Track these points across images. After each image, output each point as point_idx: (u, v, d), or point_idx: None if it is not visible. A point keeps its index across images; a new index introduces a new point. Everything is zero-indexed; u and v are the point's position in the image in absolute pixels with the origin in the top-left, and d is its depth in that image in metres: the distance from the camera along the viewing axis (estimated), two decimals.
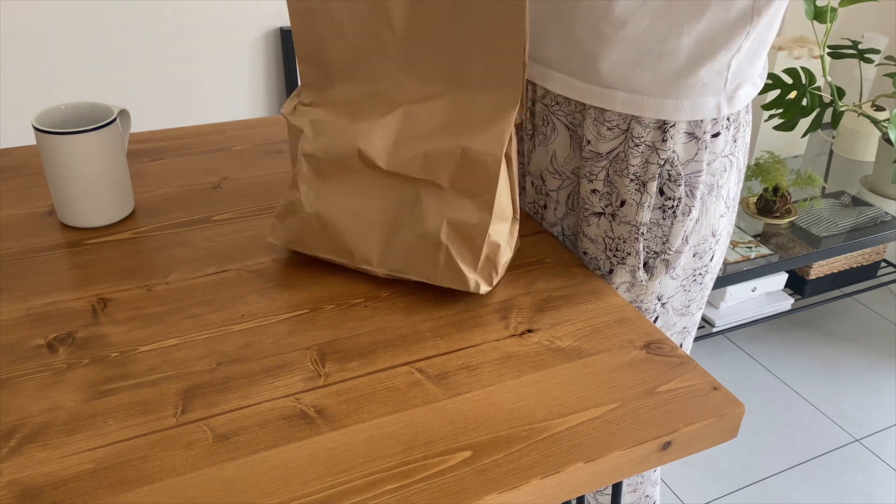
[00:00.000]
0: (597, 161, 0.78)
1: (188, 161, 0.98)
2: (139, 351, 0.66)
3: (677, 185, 0.76)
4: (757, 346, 2.04)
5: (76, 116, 0.83)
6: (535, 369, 0.66)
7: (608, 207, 0.79)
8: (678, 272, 0.82)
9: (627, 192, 0.77)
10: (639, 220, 0.78)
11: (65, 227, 0.83)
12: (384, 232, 0.73)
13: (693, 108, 0.73)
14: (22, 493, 0.53)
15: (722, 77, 0.72)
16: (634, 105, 0.73)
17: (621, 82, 0.73)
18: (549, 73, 0.78)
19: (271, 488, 0.54)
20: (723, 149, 0.77)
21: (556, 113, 0.80)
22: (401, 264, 0.73)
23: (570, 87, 0.76)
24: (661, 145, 0.74)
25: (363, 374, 0.64)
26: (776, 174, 1.80)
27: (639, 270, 0.80)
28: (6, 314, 0.70)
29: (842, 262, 1.97)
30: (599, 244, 0.81)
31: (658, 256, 0.80)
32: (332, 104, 0.74)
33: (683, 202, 0.77)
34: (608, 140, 0.76)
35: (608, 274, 0.82)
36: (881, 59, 2.08)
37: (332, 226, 0.74)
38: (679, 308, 0.86)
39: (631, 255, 0.80)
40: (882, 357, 2.03)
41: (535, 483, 0.56)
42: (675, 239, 0.79)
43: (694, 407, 0.63)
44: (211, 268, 0.77)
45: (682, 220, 0.78)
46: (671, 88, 0.72)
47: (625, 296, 0.83)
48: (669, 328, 0.87)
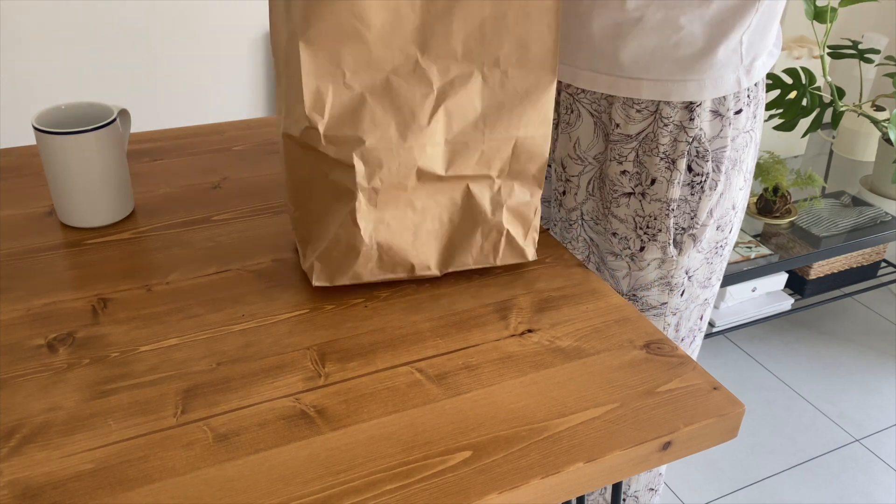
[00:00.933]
0: (626, 143, 0.80)
1: (188, 161, 0.98)
2: (139, 351, 0.66)
3: (705, 161, 0.80)
4: (757, 346, 2.04)
5: (76, 116, 0.83)
6: (535, 369, 0.66)
7: (638, 187, 0.82)
8: (703, 245, 0.85)
9: (658, 171, 0.80)
10: (669, 196, 0.81)
11: (65, 227, 0.83)
12: (441, 235, 0.74)
13: (714, 85, 0.76)
14: (22, 493, 0.53)
15: (737, 53, 0.76)
16: (660, 91, 0.77)
17: (645, 71, 0.76)
18: (576, 71, 0.80)
19: (271, 488, 0.54)
20: (744, 125, 0.81)
21: (580, 101, 0.82)
22: (462, 259, 0.75)
23: (596, 83, 0.79)
24: (689, 124, 0.78)
25: (363, 374, 0.64)
26: (776, 174, 1.80)
27: (669, 246, 0.83)
28: (6, 314, 0.70)
29: (842, 262, 1.97)
30: (629, 223, 0.83)
31: (685, 232, 0.83)
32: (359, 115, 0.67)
33: (710, 177, 0.81)
34: (637, 122, 0.79)
35: (639, 252, 0.84)
36: (881, 59, 2.08)
37: (392, 248, 0.72)
38: (702, 280, 0.89)
39: (662, 231, 0.83)
40: (882, 357, 2.03)
41: (535, 483, 0.56)
42: (701, 213, 0.82)
43: (694, 407, 0.63)
44: (211, 268, 0.77)
45: (710, 194, 0.81)
46: (692, 70, 0.75)
47: (655, 272, 0.85)
48: (694, 300, 0.90)
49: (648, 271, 0.85)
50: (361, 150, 0.68)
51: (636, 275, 0.85)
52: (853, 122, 2.10)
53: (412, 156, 0.69)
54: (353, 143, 0.68)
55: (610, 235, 0.86)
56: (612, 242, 0.86)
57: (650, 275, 0.85)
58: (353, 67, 0.66)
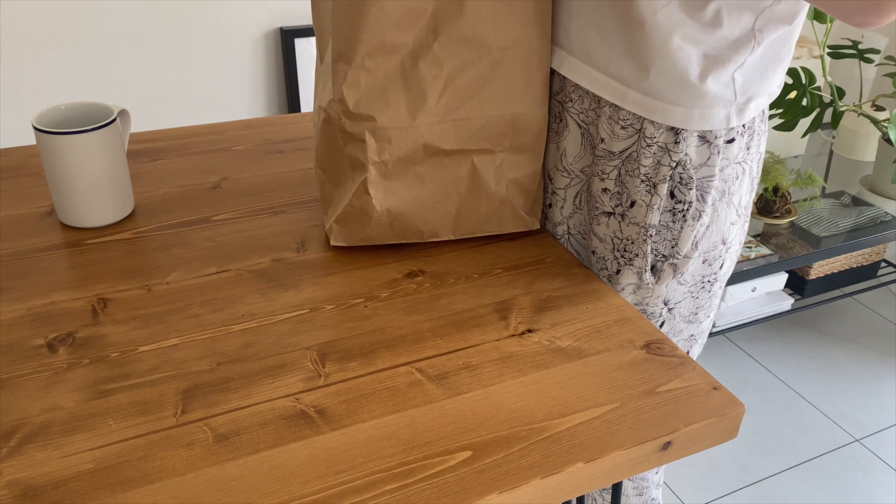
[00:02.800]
0: (609, 160, 0.78)
1: (188, 161, 0.98)
2: (139, 351, 0.66)
3: (688, 189, 0.76)
4: (757, 346, 2.05)
5: (76, 116, 0.83)
6: (535, 369, 0.66)
7: (618, 207, 0.79)
8: (686, 278, 0.82)
9: (638, 193, 0.77)
10: (648, 221, 0.78)
11: (65, 227, 0.83)
12: (448, 206, 0.80)
13: (702, 117, 0.73)
14: (22, 493, 0.53)
15: (730, 89, 0.73)
16: (644, 107, 0.74)
17: (637, 82, 0.73)
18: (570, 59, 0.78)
19: (271, 488, 0.54)
20: (736, 155, 0.77)
21: (569, 110, 0.80)
22: (470, 227, 0.82)
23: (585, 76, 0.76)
24: (674, 147, 0.75)
25: (363, 374, 0.64)
26: (776, 174, 1.80)
27: (646, 273, 0.80)
28: (6, 314, 0.70)
29: (842, 262, 1.97)
30: (608, 244, 0.81)
31: (666, 260, 0.80)
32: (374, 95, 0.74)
33: (694, 206, 0.77)
34: (622, 139, 0.76)
35: (615, 274, 0.81)
36: (881, 59, 2.09)
37: (402, 215, 0.79)
38: (686, 315, 0.86)
39: (638, 256, 0.79)
40: (882, 357, 2.03)
41: (535, 483, 0.56)
42: (684, 243, 0.79)
43: (694, 407, 0.63)
44: (211, 268, 0.77)
45: (693, 224, 0.78)
46: (682, 96, 0.72)
47: (630, 297, 0.82)
48: (676, 334, 0.87)
49: (624, 295, 0.82)
50: (374, 127, 0.75)
51: None
52: (853, 122, 2.10)
53: (420, 133, 0.76)
54: (366, 120, 0.74)
55: (590, 253, 0.83)
56: (591, 261, 0.83)
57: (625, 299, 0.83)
58: (372, 52, 0.73)
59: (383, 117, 0.74)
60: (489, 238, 0.84)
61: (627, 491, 0.99)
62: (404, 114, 0.74)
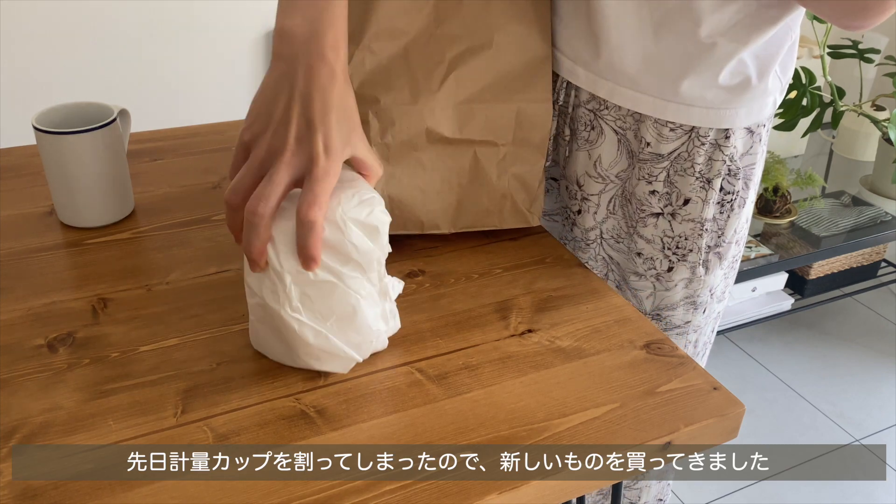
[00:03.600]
0: (657, 162, 0.79)
1: (188, 161, 0.98)
2: (139, 351, 0.66)
3: (736, 179, 0.79)
4: (757, 346, 2.04)
5: (76, 116, 0.83)
6: (535, 369, 0.66)
7: (667, 207, 0.80)
8: (726, 262, 0.84)
9: (692, 191, 0.79)
10: (704, 216, 0.80)
11: (65, 227, 0.83)
12: (449, 197, 0.79)
13: (760, 110, 0.77)
14: (22, 493, 0.53)
15: (777, 77, 0.77)
16: (712, 118, 0.76)
17: (698, 99, 0.75)
18: (615, 88, 0.78)
19: (271, 488, 0.54)
20: (765, 139, 0.81)
21: (604, 117, 0.80)
22: (470, 220, 0.81)
23: (639, 104, 0.77)
24: (725, 142, 0.77)
25: (363, 374, 0.64)
26: (776, 174, 1.80)
27: (699, 266, 0.82)
28: (6, 314, 0.70)
29: (842, 262, 1.97)
30: (656, 244, 0.82)
31: (712, 250, 0.82)
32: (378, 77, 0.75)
33: (740, 195, 0.80)
34: (671, 141, 0.77)
35: (666, 272, 0.83)
36: (881, 59, 2.08)
37: (403, 204, 0.78)
38: (719, 294, 0.88)
39: (693, 251, 0.81)
40: (882, 357, 2.03)
41: (535, 483, 0.56)
42: (729, 231, 0.81)
43: (694, 407, 0.63)
44: (211, 268, 0.77)
45: (738, 212, 0.81)
46: (745, 98, 0.75)
47: (682, 292, 0.84)
48: (710, 313, 0.89)
49: (675, 291, 0.84)
50: (377, 108, 0.75)
51: (661, 294, 0.84)
52: (853, 122, 2.10)
53: (422, 117, 0.76)
54: (370, 101, 0.75)
55: (634, 255, 0.84)
56: (635, 262, 0.84)
57: (676, 295, 0.84)
58: (378, 35, 0.75)
59: (386, 98, 0.75)
60: (489, 238, 0.84)
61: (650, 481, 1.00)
62: (407, 95, 0.75)
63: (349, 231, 0.59)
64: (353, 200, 0.60)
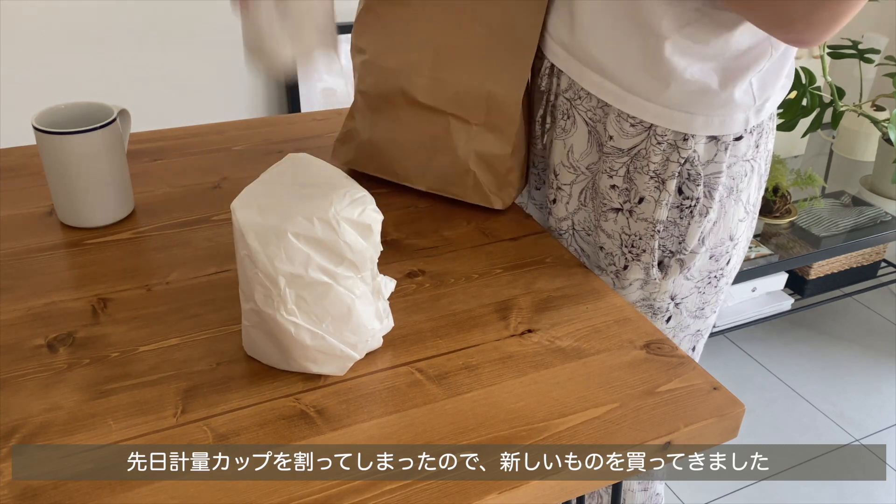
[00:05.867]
0: (618, 157, 0.78)
1: (188, 161, 0.98)
2: (139, 351, 0.66)
3: (696, 185, 0.77)
4: (757, 346, 2.05)
5: (76, 116, 0.83)
6: (535, 369, 0.66)
7: (626, 203, 0.80)
8: (693, 273, 0.82)
9: (646, 190, 0.78)
10: (656, 217, 0.78)
11: (65, 227, 0.83)
12: (420, 156, 0.87)
13: (722, 123, 0.75)
14: (22, 493, 0.53)
15: (749, 94, 0.74)
16: (665, 118, 0.75)
17: (654, 96, 0.74)
18: (584, 70, 0.78)
19: (271, 488, 0.54)
20: (744, 153, 0.77)
21: (577, 107, 0.80)
22: (437, 183, 0.88)
23: (602, 89, 0.77)
24: (683, 144, 0.75)
25: (363, 374, 0.64)
26: (776, 174, 1.80)
27: (653, 268, 0.81)
28: (6, 314, 0.70)
29: (842, 262, 1.97)
30: (616, 240, 0.82)
31: (673, 256, 0.80)
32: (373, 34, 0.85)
33: (701, 202, 0.78)
34: (630, 136, 0.77)
35: (623, 270, 0.82)
36: (881, 59, 2.08)
37: (381, 150, 0.88)
38: (693, 310, 0.86)
39: (646, 252, 0.80)
40: (882, 357, 2.03)
41: (535, 483, 0.56)
42: (691, 239, 0.79)
43: (694, 407, 0.63)
44: (211, 268, 0.77)
45: (700, 220, 0.78)
46: (702, 105, 0.74)
47: (638, 293, 0.83)
48: (683, 329, 0.87)
49: (630, 291, 0.83)
50: (364, 59, 0.86)
51: (619, 293, 0.83)
52: (853, 122, 2.10)
53: (398, 79, 0.85)
54: (360, 52, 0.87)
55: (598, 249, 0.84)
56: (599, 256, 0.84)
57: (632, 295, 0.83)
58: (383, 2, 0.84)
59: (372, 53, 0.85)
60: (489, 238, 0.84)
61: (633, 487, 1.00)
62: (392, 57, 0.84)
63: (342, 230, 0.59)
64: (345, 200, 0.60)
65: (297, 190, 0.62)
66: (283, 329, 0.60)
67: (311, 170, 0.65)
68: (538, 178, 0.92)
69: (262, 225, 0.59)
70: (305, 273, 0.59)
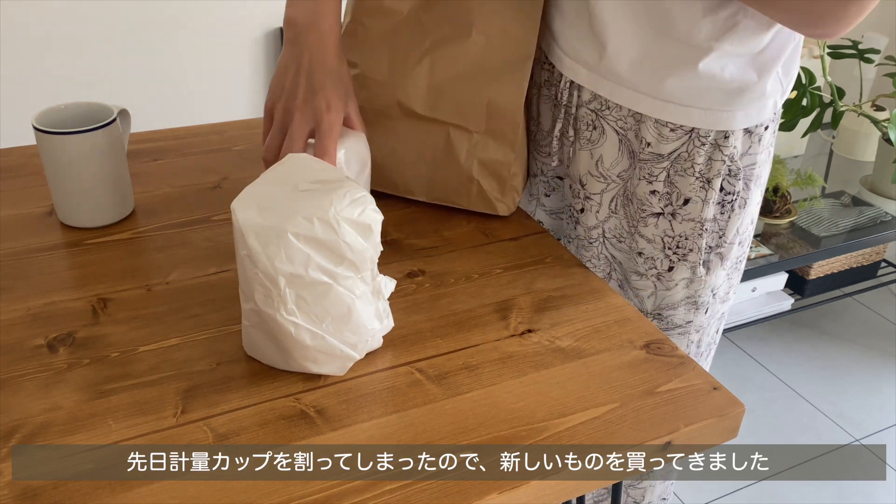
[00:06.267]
0: (657, 162, 0.79)
1: (188, 161, 0.98)
2: (139, 351, 0.66)
3: (737, 180, 0.79)
4: (757, 346, 2.05)
5: (76, 116, 0.83)
6: (535, 369, 0.66)
7: (668, 207, 0.81)
8: (728, 263, 0.84)
9: (692, 191, 0.79)
10: (703, 216, 0.80)
11: (65, 227, 0.83)
12: (420, 168, 0.85)
13: (759, 113, 0.77)
14: (22, 493, 0.53)
15: (778, 81, 0.77)
16: (710, 120, 0.76)
17: (696, 100, 0.75)
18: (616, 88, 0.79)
19: (271, 488, 0.54)
20: (768, 140, 0.80)
21: (605, 117, 0.81)
22: (439, 194, 0.86)
23: (639, 104, 0.78)
24: (724, 142, 0.77)
25: (363, 374, 0.64)
26: (776, 174, 1.80)
27: (699, 266, 0.82)
28: (6, 314, 0.70)
29: (842, 262, 1.97)
30: (657, 243, 0.82)
31: (713, 251, 0.82)
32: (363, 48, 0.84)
33: (741, 196, 0.80)
34: (671, 141, 0.78)
35: (667, 272, 0.83)
36: (881, 59, 2.08)
37: (379, 164, 0.85)
38: (722, 295, 0.88)
39: (693, 251, 0.82)
40: (882, 357, 2.03)
41: (535, 483, 0.56)
42: (730, 232, 0.82)
43: (694, 407, 0.63)
44: (211, 268, 0.77)
45: (739, 213, 0.81)
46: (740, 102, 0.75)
47: (683, 292, 0.84)
48: (713, 315, 0.89)
49: (676, 291, 0.84)
50: (356, 74, 0.84)
51: (662, 294, 0.84)
52: (853, 122, 2.10)
53: (395, 90, 0.83)
54: (351, 67, 0.83)
55: (635, 255, 0.84)
56: (636, 262, 0.84)
57: (677, 294, 0.84)
58: (371, 12, 0.82)
59: (364, 66, 0.84)
60: (489, 238, 0.84)
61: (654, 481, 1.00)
62: (384, 68, 0.83)
63: (342, 230, 0.59)
64: (345, 200, 0.60)
65: (297, 190, 0.62)
66: (283, 329, 0.60)
67: (311, 170, 0.65)
68: (547, 185, 0.92)
69: (262, 225, 0.59)
70: (305, 273, 0.59)
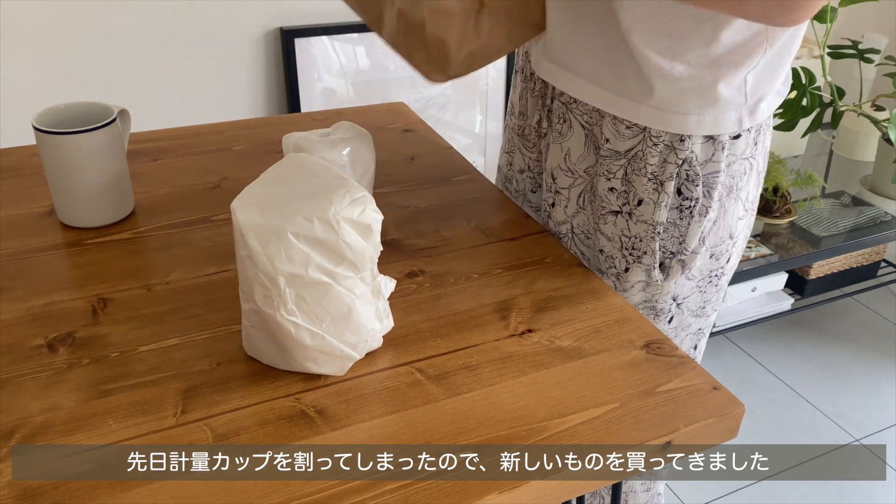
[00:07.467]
0: (615, 160, 0.78)
1: (188, 161, 0.98)
2: (139, 351, 0.66)
3: (695, 186, 0.76)
4: (757, 346, 2.05)
5: (76, 116, 0.83)
6: (535, 369, 0.66)
7: (625, 206, 0.79)
8: (694, 273, 0.82)
9: (645, 192, 0.77)
10: (656, 219, 0.78)
11: (65, 227, 0.83)
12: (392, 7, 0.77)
13: (714, 122, 0.74)
14: (22, 493, 0.53)
15: (741, 92, 0.73)
16: (657, 120, 0.74)
17: (645, 97, 0.74)
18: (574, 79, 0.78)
19: (271, 488, 0.54)
20: (743, 151, 0.77)
21: (573, 111, 0.80)
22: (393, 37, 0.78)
23: (595, 97, 0.77)
24: (680, 145, 0.75)
25: (363, 374, 0.64)
26: (776, 174, 1.80)
27: (654, 270, 0.81)
28: (6, 314, 0.70)
29: (842, 262, 1.97)
30: (616, 242, 0.81)
31: (674, 257, 0.80)
32: None
33: (700, 203, 0.77)
34: (627, 139, 0.76)
35: (624, 272, 0.82)
36: (881, 59, 2.08)
37: None
38: (694, 309, 0.86)
39: (647, 254, 0.80)
40: (882, 357, 2.03)
41: (535, 483, 0.56)
42: (691, 239, 0.79)
43: (694, 407, 0.63)
44: (211, 268, 0.77)
45: (699, 220, 0.78)
46: (693, 104, 0.73)
47: (640, 295, 0.83)
48: (685, 328, 0.87)
49: (633, 293, 0.83)
50: None
51: (622, 295, 0.83)
52: (853, 122, 2.10)
53: None
54: None
55: (597, 252, 0.83)
56: (599, 259, 0.83)
57: (634, 297, 0.83)
58: None
59: None
60: (489, 238, 0.84)
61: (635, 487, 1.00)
62: None
63: (342, 230, 0.59)
64: (345, 200, 0.60)
65: (297, 190, 0.62)
66: (283, 329, 0.60)
67: (311, 170, 0.65)
68: (533, 181, 0.92)
69: (262, 225, 0.59)
70: (305, 273, 0.59)
